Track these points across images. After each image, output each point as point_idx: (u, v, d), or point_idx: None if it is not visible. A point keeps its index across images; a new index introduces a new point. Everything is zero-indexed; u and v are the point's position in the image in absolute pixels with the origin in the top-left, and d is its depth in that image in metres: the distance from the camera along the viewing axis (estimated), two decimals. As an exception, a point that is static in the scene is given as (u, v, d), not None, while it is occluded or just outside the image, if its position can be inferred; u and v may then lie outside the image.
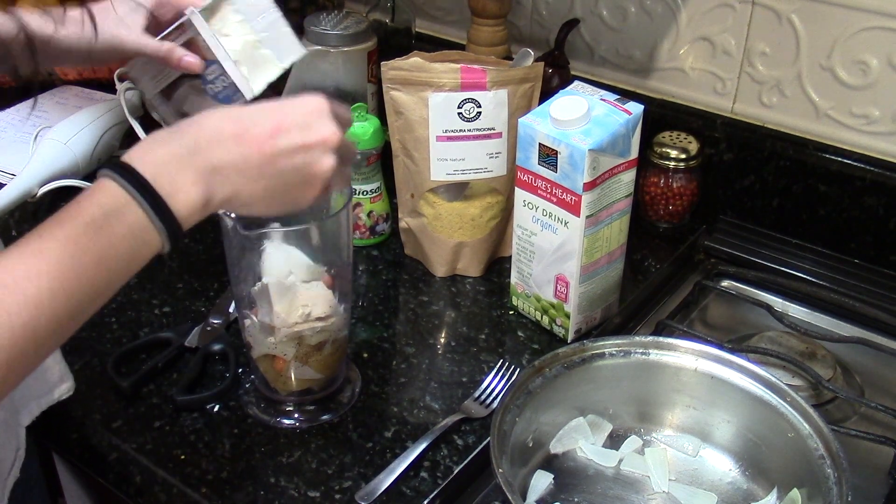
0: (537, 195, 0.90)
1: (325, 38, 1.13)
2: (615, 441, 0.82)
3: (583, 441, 0.80)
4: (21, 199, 1.10)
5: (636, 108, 0.88)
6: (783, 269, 1.04)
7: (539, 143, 0.87)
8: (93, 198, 0.58)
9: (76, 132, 1.16)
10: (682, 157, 1.09)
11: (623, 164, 0.88)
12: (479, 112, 0.96)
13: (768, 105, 1.10)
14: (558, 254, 0.91)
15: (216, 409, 0.85)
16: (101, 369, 0.88)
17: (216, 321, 0.94)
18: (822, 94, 1.05)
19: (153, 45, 0.88)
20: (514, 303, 0.99)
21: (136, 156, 0.59)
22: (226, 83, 0.90)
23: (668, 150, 1.10)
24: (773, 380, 0.76)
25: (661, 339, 0.81)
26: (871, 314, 0.97)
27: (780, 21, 1.04)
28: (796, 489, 0.73)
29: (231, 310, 0.95)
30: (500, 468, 0.67)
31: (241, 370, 0.88)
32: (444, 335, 0.96)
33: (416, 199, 1.03)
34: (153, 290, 1.00)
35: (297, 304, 0.78)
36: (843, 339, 0.94)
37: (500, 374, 0.89)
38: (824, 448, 0.71)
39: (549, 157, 0.87)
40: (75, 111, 1.20)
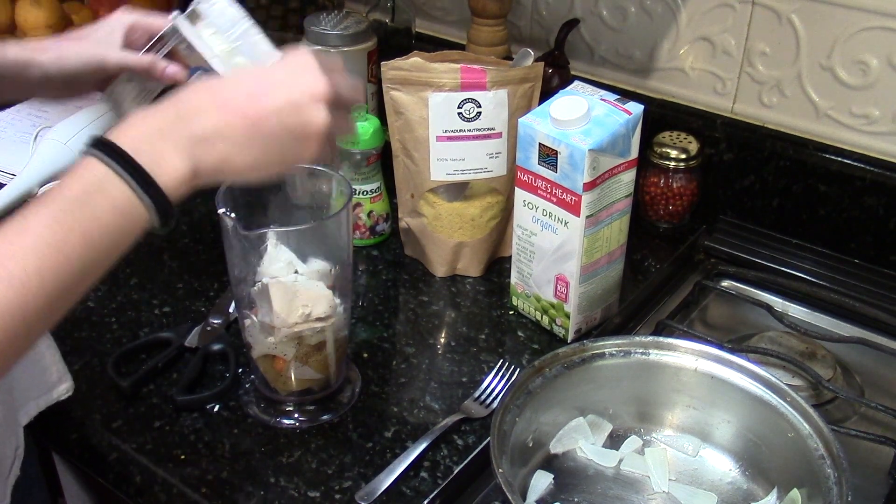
0: (537, 195, 0.90)
1: (324, 38, 1.13)
2: (615, 441, 0.81)
3: (583, 441, 0.80)
4: (21, 199, 1.10)
5: (636, 108, 0.88)
6: (783, 269, 1.04)
7: (539, 143, 0.87)
8: (75, 175, 0.57)
9: (76, 132, 1.16)
10: (682, 157, 1.09)
11: (623, 164, 0.88)
12: (479, 112, 0.96)
13: (768, 105, 1.10)
14: (558, 254, 0.91)
15: (216, 409, 0.85)
16: (101, 369, 0.88)
17: (216, 321, 0.94)
18: (822, 94, 1.05)
19: (135, 58, 0.88)
20: (514, 303, 0.99)
21: (118, 131, 0.59)
22: None
23: (668, 150, 1.10)
24: (773, 380, 0.76)
25: (661, 339, 0.81)
26: (871, 314, 0.97)
27: (780, 21, 1.04)
28: (796, 489, 0.73)
29: (231, 310, 0.95)
30: (500, 468, 0.67)
31: (241, 370, 0.88)
32: (444, 335, 0.96)
33: (416, 199, 1.03)
34: (153, 290, 1.00)
35: (297, 304, 0.78)
36: (843, 339, 0.94)
37: (500, 374, 0.89)
38: (824, 448, 0.71)
39: (549, 157, 0.87)
40: (75, 111, 1.20)
